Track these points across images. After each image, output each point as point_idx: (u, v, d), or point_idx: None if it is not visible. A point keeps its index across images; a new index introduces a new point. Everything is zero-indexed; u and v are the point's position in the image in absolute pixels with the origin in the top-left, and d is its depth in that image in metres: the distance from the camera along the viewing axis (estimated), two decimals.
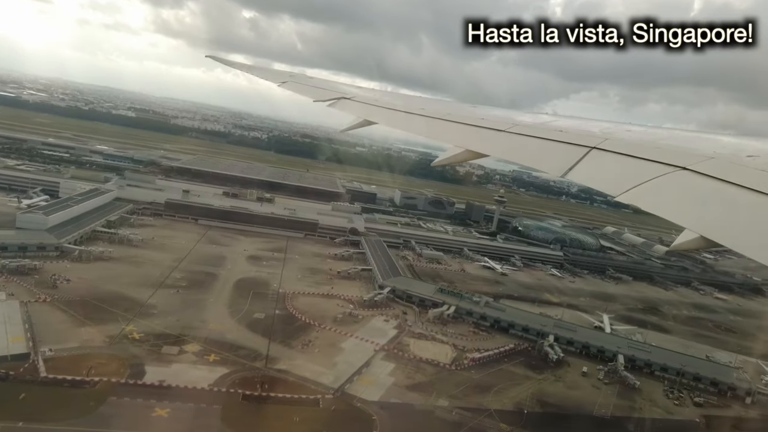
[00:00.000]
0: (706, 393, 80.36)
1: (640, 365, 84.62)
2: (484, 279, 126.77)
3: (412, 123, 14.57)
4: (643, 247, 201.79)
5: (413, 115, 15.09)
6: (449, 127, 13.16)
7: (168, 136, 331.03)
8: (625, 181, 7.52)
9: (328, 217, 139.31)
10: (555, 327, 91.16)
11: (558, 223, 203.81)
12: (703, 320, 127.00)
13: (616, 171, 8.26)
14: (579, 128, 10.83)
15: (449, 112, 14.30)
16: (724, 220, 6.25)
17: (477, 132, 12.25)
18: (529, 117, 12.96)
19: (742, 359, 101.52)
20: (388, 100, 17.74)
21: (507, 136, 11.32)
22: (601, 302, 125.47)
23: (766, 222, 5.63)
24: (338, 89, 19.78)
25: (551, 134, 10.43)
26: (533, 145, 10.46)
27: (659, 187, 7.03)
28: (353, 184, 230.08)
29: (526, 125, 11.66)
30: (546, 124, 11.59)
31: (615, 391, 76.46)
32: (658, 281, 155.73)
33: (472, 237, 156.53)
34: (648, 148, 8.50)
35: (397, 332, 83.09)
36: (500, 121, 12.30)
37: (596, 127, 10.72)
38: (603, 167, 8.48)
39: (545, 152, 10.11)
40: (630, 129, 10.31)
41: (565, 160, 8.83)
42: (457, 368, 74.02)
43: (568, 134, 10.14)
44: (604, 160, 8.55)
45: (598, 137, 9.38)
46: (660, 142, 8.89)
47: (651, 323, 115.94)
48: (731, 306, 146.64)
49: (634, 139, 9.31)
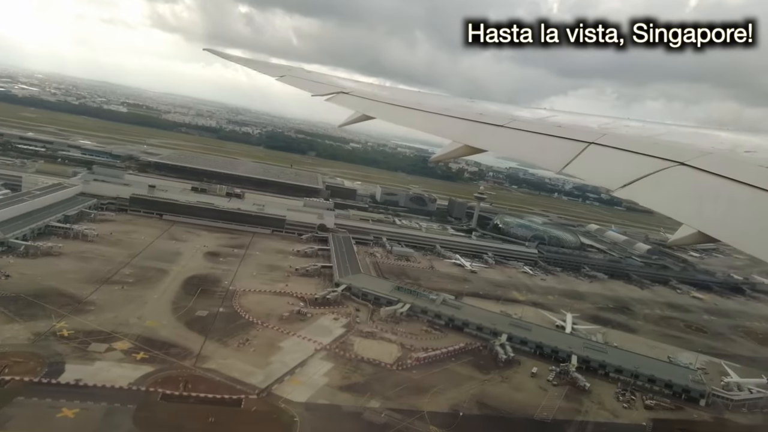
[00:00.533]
0: (660, 395, 78.42)
1: (595, 366, 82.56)
2: (452, 276, 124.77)
3: (410, 118, 14.35)
4: (625, 245, 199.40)
5: (411, 110, 14.89)
6: (447, 123, 13.10)
7: (157, 131, 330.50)
8: (623, 176, 7.53)
9: (298, 214, 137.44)
10: (510, 326, 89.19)
11: (539, 220, 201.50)
12: (674, 320, 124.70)
13: (614, 166, 8.29)
14: (577, 124, 10.79)
15: (447, 107, 14.26)
16: (722, 216, 6.16)
17: (475, 127, 12.09)
18: (527, 112, 12.94)
19: (707, 360, 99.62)
20: (386, 95, 17.64)
21: (505, 131, 11.22)
22: (570, 300, 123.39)
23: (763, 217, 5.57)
24: (336, 83, 19.59)
25: (549, 129, 10.37)
26: (531, 141, 10.46)
27: (657, 182, 7.03)
28: (336, 180, 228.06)
29: (524, 120, 11.58)
30: (544, 120, 11.48)
31: (563, 393, 74.44)
32: (634, 280, 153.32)
33: (446, 234, 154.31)
34: (646, 143, 8.42)
35: (345, 331, 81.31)
36: (498, 116, 12.23)
37: (594, 122, 10.64)
38: (601, 162, 8.49)
39: (544, 148, 10.09)
40: (628, 124, 10.31)
41: (564, 155, 8.81)
42: (398, 368, 72.21)
43: (566, 129, 10.11)
44: (602, 156, 8.55)
45: (596, 132, 9.37)
46: (658, 138, 8.79)
47: (618, 323, 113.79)
48: (707, 305, 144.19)
49: (632, 134, 9.32)
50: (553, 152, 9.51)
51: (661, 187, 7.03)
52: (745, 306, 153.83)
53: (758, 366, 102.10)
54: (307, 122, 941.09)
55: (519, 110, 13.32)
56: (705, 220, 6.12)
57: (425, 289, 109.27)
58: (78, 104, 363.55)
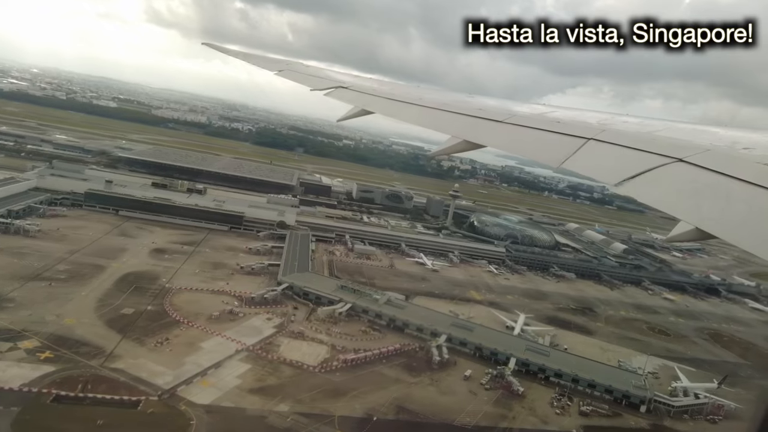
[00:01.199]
0: (600, 401, 75.89)
1: (534, 370, 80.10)
2: (411, 275, 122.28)
3: (409, 113, 14.31)
4: (602, 244, 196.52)
5: (410, 105, 14.87)
6: (446, 118, 13.04)
7: (143, 126, 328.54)
8: (621, 172, 7.57)
9: (258, 210, 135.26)
10: (451, 326, 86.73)
11: (515, 218, 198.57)
12: (638, 321, 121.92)
13: (612, 162, 8.26)
14: (576, 119, 10.76)
15: (446, 102, 14.19)
16: (719, 212, 6.15)
17: (474, 123, 12.06)
18: (526, 108, 12.83)
19: (661, 364, 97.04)
20: (385, 90, 17.54)
21: (504, 127, 11.20)
22: (529, 301, 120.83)
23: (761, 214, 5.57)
24: (335, 78, 19.49)
25: (548, 125, 10.35)
26: (530, 137, 10.39)
27: (655, 178, 7.06)
28: (314, 176, 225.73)
29: (523, 116, 11.50)
30: (543, 116, 11.48)
31: (494, 397, 72.00)
32: (605, 280, 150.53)
33: (413, 232, 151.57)
34: (644, 139, 8.47)
35: (275, 332, 79.03)
36: (497, 112, 12.20)
37: (593, 118, 10.64)
38: (600, 158, 8.50)
39: (542, 143, 10.05)
40: (627, 120, 10.28)
41: (562, 151, 8.80)
42: (321, 370, 69.94)
43: (565, 125, 10.09)
44: (601, 152, 8.57)
45: (595, 128, 9.36)
46: (656, 134, 8.81)
47: (576, 324, 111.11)
48: (677, 307, 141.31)
49: (631, 130, 9.28)
50: (552, 148, 9.52)
51: (659, 183, 7.05)
52: (717, 308, 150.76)
53: (715, 370, 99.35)
54: (304, 119, 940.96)
55: (518, 106, 13.24)
56: (703, 217, 6.11)
57: (378, 288, 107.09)
58: (66, 99, 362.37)
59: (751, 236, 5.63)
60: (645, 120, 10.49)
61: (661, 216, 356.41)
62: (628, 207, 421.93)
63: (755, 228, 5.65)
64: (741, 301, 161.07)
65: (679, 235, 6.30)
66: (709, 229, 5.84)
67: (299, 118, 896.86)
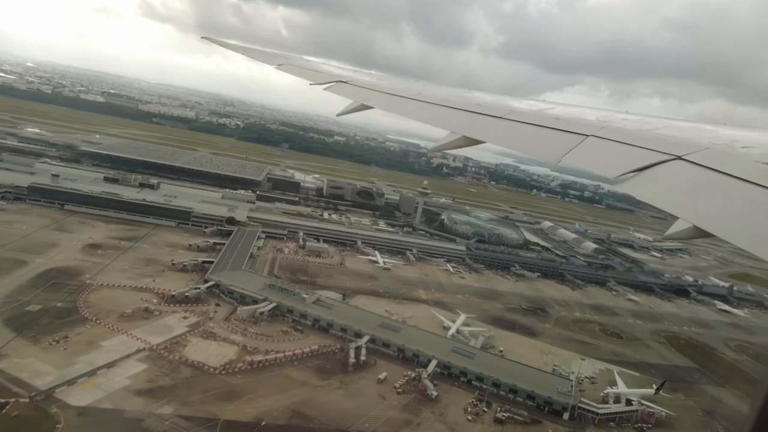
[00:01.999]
0: (522, 407, 73.04)
1: (456, 373, 77.29)
2: (359, 273, 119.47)
3: (409, 108, 14.20)
4: (574, 243, 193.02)
5: (410, 100, 14.70)
6: (446, 113, 13.07)
7: (127, 120, 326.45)
8: (619, 169, 7.58)
9: (208, 206, 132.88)
10: (377, 327, 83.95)
11: (485, 216, 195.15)
12: (592, 323, 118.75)
13: (611, 159, 8.27)
14: (575, 116, 10.85)
15: (446, 97, 14.18)
16: (717, 211, 6.17)
17: (474, 118, 12.12)
18: (525, 104, 12.89)
19: (604, 368, 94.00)
20: (385, 85, 17.45)
21: (503, 123, 11.25)
22: (480, 300, 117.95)
23: (759, 213, 5.65)
24: (335, 73, 19.37)
25: (548, 122, 10.37)
26: (529, 133, 10.44)
27: (654, 176, 7.14)
28: (288, 172, 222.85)
29: (522, 112, 11.61)
30: (542, 112, 11.55)
31: (404, 402, 69.19)
32: (567, 280, 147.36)
33: (371, 229, 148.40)
34: (644, 137, 8.53)
35: (186, 331, 76.48)
36: (497, 107, 12.24)
37: (592, 115, 10.75)
38: (599, 155, 8.54)
39: (541, 139, 10.00)
40: (626, 118, 10.27)
41: (561, 147, 8.85)
42: (222, 372, 67.37)
43: (564, 122, 10.14)
44: (599, 149, 8.61)
45: (594, 125, 9.41)
46: (655, 132, 8.82)
47: (523, 325, 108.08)
48: (640, 308, 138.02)
49: (630, 128, 9.31)
50: (550, 144, 9.49)
51: (658, 181, 7.08)
52: (683, 309, 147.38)
53: (662, 374, 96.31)
54: (302, 114, 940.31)
55: (517, 102, 13.27)
56: (700, 215, 6.15)
57: (318, 287, 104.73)
58: (51, 93, 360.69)
59: (749, 235, 5.64)
60: (644, 117, 10.38)
61: (652, 215, 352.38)
62: (618, 206, 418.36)
63: (753, 226, 5.69)
64: (710, 303, 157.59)
65: (677, 233, 6.28)
66: (707, 227, 5.87)
67: (297, 113, 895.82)
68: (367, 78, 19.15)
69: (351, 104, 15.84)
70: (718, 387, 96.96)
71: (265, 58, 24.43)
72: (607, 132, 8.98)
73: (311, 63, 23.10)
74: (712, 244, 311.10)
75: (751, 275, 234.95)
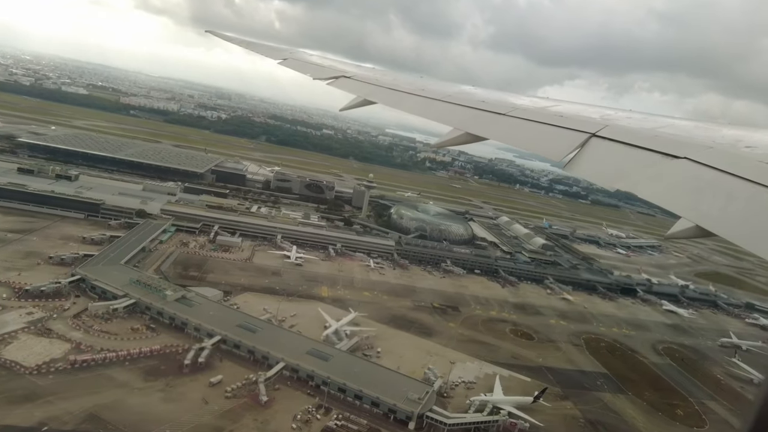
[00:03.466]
0: (367, 414, 68.28)
1: (303, 377, 72.64)
2: (262, 270, 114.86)
3: (412, 103, 14.28)
4: (525, 238, 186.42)
5: (413, 96, 14.80)
6: (449, 109, 13.14)
7: (100, 113, 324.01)
8: (623, 168, 7.71)
9: (123, 198, 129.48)
10: (234, 327, 79.49)
11: (434, 210, 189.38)
12: (505, 323, 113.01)
13: (614, 158, 8.29)
14: (579, 114, 10.70)
15: (449, 93, 14.23)
16: (720, 211, 6.19)
17: (476, 115, 12.15)
18: (528, 101, 12.74)
19: (491, 371, 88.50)
20: (388, 80, 17.38)
21: (506, 119, 11.24)
22: (389, 297, 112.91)
23: (762, 213, 5.66)
24: (338, 68, 19.43)
25: (551, 119, 10.35)
26: (532, 130, 10.42)
27: (657, 175, 7.18)
28: (240, 164, 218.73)
29: (525, 109, 11.50)
30: (546, 109, 11.40)
31: (228, 407, 64.66)
32: (501, 276, 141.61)
33: (294, 223, 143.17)
34: (647, 136, 8.51)
35: (21, 327, 72.72)
36: (500, 104, 12.25)
37: (596, 113, 10.58)
38: (602, 154, 8.51)
39: (544, 137, 10.01)
40: (630, 116, 10.26)
41: (564, 145, 8.88)
42: (35, 372, 63.59)
43: (567, 119, 10.12)
44: (603, 147, 8.61)
45: (598, 124, 9.41)
46: (659, 131, 8.81)
47: (423, 324, 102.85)
48: (571, 308, 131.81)
49: (634, 126, 9.29)
50: (553, 142, 9.42)
51: (660, 180, 7.12)
52: (622, 309, 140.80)
53: (559, 379, 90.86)
54: (303, 108, 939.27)
55: (521, 99, 13.16)
56: (703, 214, 6.20)
57: (208, 283, 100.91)
58: (30, 85, 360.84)
59: (752, 235, 5.66)
60: (648, 116, 10.18)
61: (639, 211, 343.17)
62: (604, 202, 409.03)
63: (756, 227, 5.69)
64: (657, 303, 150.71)
65: (679, 232, 6.32)
66: (709, 226, 5.91)
67: (297, 107, 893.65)
68: (370, 73, 19.08)
69: (354, 99, 16.02)
70: (619, 394, 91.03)
71: (268, 52, 24.69)
72: (611, 131, 8.99)
73: (314, 58, 22.97)
74: (694, 242, 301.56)
75: (722, 274, 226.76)
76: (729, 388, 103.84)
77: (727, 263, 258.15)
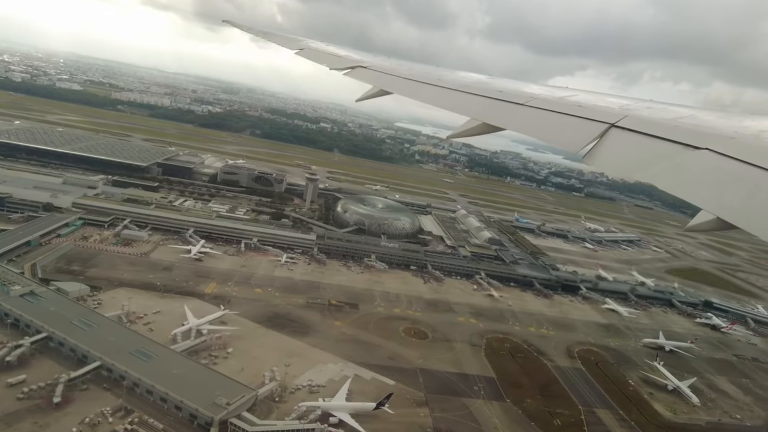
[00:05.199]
0: (172, 418, 64.18)
1: (116, 377, 68.84)
2: (154, 265, 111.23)
3: (428, 93, 14.14)
4: (474, 232, 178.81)
5: (430, 86, 14.70)
6: (465, 99, 12.95)
7: (83, 107, 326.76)
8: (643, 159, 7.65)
9: (34, 192, 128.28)
10: (68, 325, 76.09)
11: (382, 204, 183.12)
12: (402, 321, 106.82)
13: (634, 149, 8.23)
14: (598, 104, 10.57)
15: (467, 84, 14.13)
16: (743, 203, 6.13)
17: (494, 105, 11.97)
18: (546, 91, 12.63)
19: (353, 374, 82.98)
20: (405, 70, 17.07)
21: (524, 110, 11.13)
22: (281, 294, 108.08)
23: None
24: (354, 58, 19.37)
25: (569, 109, 10.24)
26: (550, 120, 10.32)
27: (678, 166, 7.09)
28: (198, 157, 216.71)
29: (543, 99, 11.38)
30: (564, 99, 11.28)
31: (12, 409, 61.08)
32: (426, 271, 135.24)
33: (208, 217, 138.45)
34: (667, 126, 8.38)
35: None
36: (517, 94, 12.07)
37: (615, 103, 10.47)
38: (621, 145, 8.41)
39: (562, 128, 9.90)
40: (650, 106, 10.14)
41: (583, 136, 8.75)
42: None
43: (586, 110, 9.99)
44: (622, 138, 8.51)
45: (617, 114, 9.31)
46: (680, 121, 8.67)
47: (303, 323, 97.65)
48: (492, 305, 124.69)
49: (655, 117, 9.18)
50: (572, 133, 9.29)
51: (681, 171, 7.02)
52: (553, 307, 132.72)
53: (431, 383, 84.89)
54: (315, 102, 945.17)
55: (539, 88, 12.99)
56: (725, 207, 6.14)
57: (86, 278, 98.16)
58: (21, 81, 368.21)
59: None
60: (669, 106, 9.96)
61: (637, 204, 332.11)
62: (599, 194, 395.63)
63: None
64: (599, 301, 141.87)
65: (699, 224, 6.29)
66: (730, 219, 5.86)
67: (308, 102, 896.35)
68: (386, 63, 18.78)
69: (370, 90, 15.84)
70: (494, 401, 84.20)
71: (285, 42, 24.58)
72: (630, 122, 8.87)
73: (330, 48, 22.64)
74: (681, 236, 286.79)
75: (698, 270, 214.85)
76: (635, 396, 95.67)
77: (713, 259, 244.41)
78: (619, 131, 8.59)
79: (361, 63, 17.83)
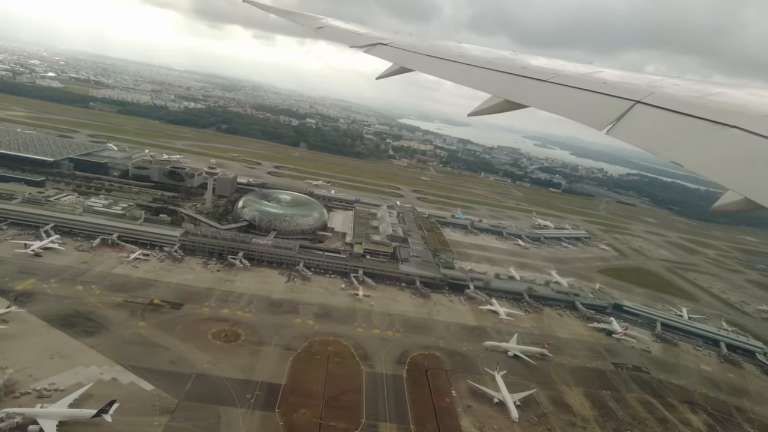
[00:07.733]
0: None
1: None
2: None
3: (449, 70, 13.98)
4: (384, 228, 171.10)
5: (451, 62, 14.43)
6: (488, 76, 12.68)
7: (52, 104, 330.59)
8: (669, 138, 7.41)
9: None
10: None
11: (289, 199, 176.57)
12: (222, 323, 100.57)
13: (660, 127, 7.98)
14: (623, 80, 10.37)
15: (489, 60, 13.91)
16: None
17: (517, 81, 11.72)
18: (571, 66, 12.37)
19: (110, 378, 77.70)
20: (425, 47, 16.81)
21: (547, 86, 10.93)
22: (103, 292, 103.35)
23: None
24: (375, 35, 19.07)
25: (594, 86, 10.05)
26: (575, 97, 10.02)
27: (705, 145, 6.83)
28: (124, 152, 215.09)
29: (567, 76, 11.20)
30: (589, 75, 11.04)
31: None
32: (295, 270, 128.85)
33: (71, 213, 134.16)
34: (695, 104, 8.05)
35: None
36: (541, 71, 11.86)
37: (641, 79, 10.19)
38: (647, 122, 8.20)
39: (587, 105, 9.65)
40: (678, 83, 9.75)
41: (608, 113, 8.58)
42: None
43: (611, 86, 9.79)
44: (648, 116, 8.30)
45: (643, 91, 9.14)
46: (708, 98, 8.33)
47: (99, 322, 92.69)
48: (348, 306, 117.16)
49: (682, 94, 8.89)
50: (596, 110, 9.17)
51: (708, 150, 6.76)
52: (420, 307, 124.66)
53: (202, 388, 78.94)
54: (324, 99, 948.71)
55: (564, 65, 12.69)
56: (753, 187, 5.92)
57: None
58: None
59: None
60: (697, 84, 9.63)
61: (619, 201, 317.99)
62: (577, 191, 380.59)
63: None
64: (482, 301, 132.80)
65: (726, 204, 6.11)
66: (759, 199, 5.68)
67: (314, 98, 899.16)
68: (407, 39, 18.44)
69: (391, 67, 15.69)
70: (261, 411, 77.49)
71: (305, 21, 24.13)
72: (657, 98, 8.67)
73: (351, 26, 22.33)
74: (647, 234, 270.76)
75: (642, 270, 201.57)
76: (446, 409, 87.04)
77: (670, 258, 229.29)
78: (644, 107, 8.39)
79: (381, 40, 17.59)
